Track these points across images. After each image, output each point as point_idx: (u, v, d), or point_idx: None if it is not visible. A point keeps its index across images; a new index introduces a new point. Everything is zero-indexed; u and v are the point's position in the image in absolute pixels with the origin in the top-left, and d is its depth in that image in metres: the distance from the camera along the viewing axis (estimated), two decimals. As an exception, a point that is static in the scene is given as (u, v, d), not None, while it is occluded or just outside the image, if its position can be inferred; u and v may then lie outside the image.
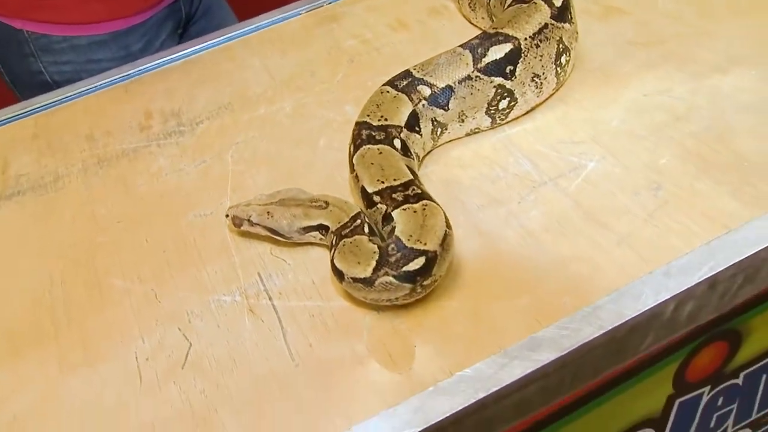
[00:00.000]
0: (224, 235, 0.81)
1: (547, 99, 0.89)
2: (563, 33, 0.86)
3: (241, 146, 0.94)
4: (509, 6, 0.89)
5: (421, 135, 0.82)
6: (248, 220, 0.77)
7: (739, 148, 0.77)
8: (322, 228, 0.74)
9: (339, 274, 0.69)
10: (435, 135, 0.84)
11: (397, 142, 0.78)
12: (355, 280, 0.67)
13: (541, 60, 0.84)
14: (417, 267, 0.65)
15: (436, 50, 0.92)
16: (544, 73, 0.85)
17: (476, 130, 0.86)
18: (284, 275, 0.75)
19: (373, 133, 0.79)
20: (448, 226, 0.68)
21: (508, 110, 0.85)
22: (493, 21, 0.99)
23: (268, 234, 0.77)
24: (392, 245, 0.67)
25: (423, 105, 0.82)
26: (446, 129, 0.84)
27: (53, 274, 0.81)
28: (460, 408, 0.59)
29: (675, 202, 0.73)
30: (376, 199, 0.73)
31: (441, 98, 0.82)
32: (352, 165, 0.78)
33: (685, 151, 0.78)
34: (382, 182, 0.73)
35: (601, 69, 0.93)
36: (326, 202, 0.75)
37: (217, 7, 1.53)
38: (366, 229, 0.71)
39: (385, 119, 0.80)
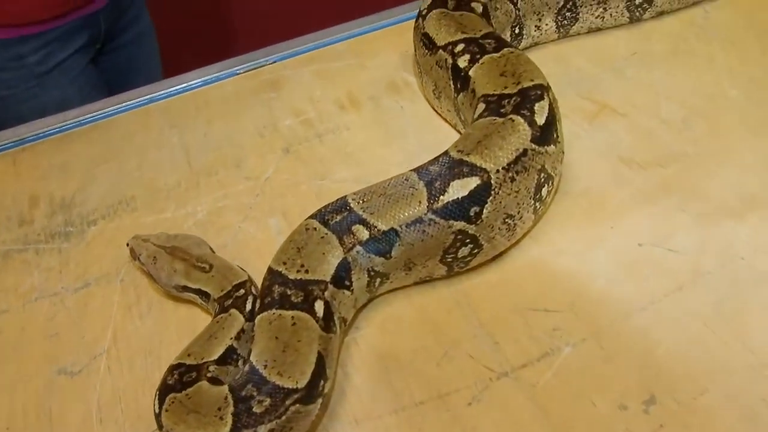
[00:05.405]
0: (89, 405, 0.63)
1: (520, 239, 0.71)
2: (546, 159, 0.68)
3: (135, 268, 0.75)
4: (480, 115, 0.71)
5: (351, 291, 0.64)
6: (138, 258, 0.70)
7: (753, 342, 0.60)
8: (202, 293, 0.65)
9: None
10: (372, 287, 0.66)
11: (318, 306, 0.60)
12: None
13: (516, 197, 0.66)
14: None
15: (388, 142, 0.76)
16: (519, 212, 0.67)
17: (428, 278, 0.68)
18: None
19: (288, 292, 0.60)
20: None
21: (469, 258, 0.67)
22: (460, 116, 0.81)
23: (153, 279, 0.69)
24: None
25: (357, 252, 0.63)
26: (388, 278, 0.66)
27: None
28: None
29: (672, 426, 0.55)
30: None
31: (382, 244, 0.64)
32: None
33: (689, 338, 0.61)
34: (280, 374, 0.55)
35: (586, 194, 0.75)
36: (210, 265, 0.66)
37: (148, 39, 1.33)
38: (248, 305, 0.62)
39: (306, 270, 0.61)
